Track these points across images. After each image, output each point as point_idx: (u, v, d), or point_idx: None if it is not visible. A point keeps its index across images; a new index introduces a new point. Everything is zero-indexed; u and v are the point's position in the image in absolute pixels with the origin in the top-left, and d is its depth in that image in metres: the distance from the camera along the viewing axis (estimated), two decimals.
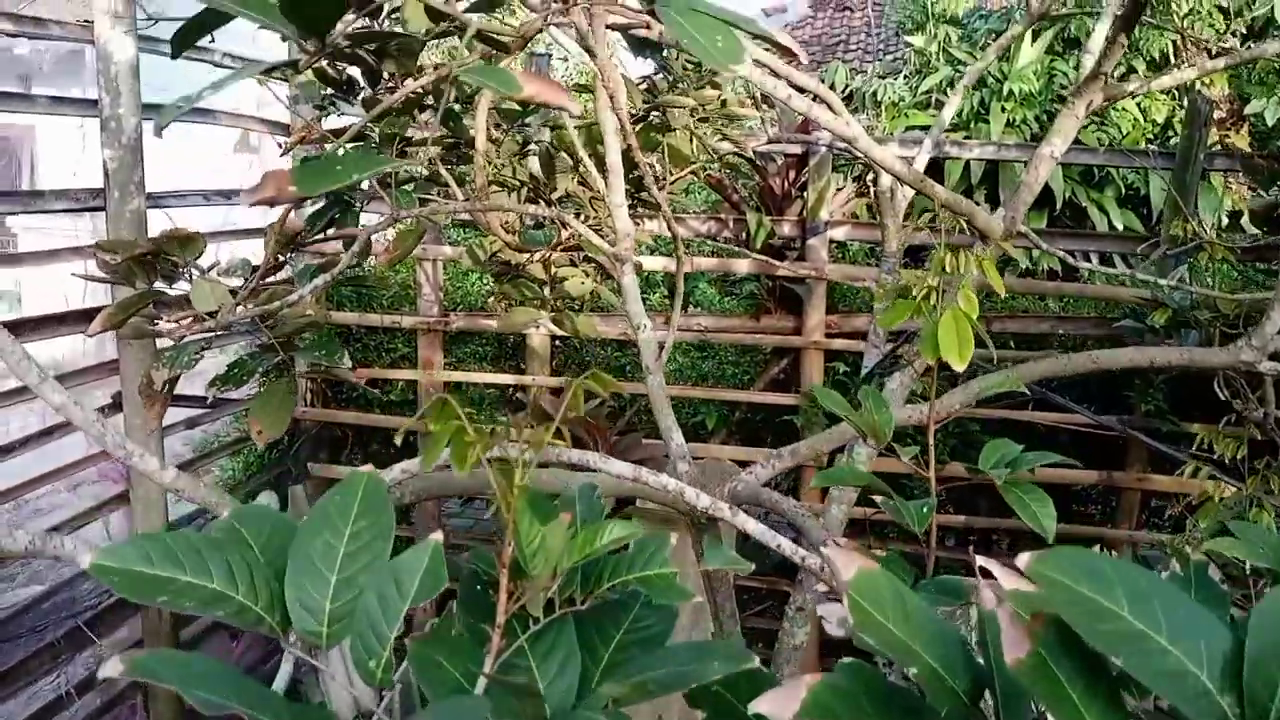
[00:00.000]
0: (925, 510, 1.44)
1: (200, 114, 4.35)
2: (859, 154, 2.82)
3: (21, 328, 3.35)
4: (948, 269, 1.62)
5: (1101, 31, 2.94)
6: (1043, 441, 4.69)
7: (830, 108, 2.74)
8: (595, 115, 2.75)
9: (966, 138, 7.28)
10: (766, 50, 2.08)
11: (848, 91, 8.77)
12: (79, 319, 3.50)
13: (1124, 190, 7.21)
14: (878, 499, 1.69)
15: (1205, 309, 3.03)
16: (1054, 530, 1.58)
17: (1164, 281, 2.78)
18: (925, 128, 7.88)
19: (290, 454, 4.92)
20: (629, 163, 2.82)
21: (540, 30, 1.64)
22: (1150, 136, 7.22)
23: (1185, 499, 2.89)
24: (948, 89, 8.02)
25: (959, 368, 1.52)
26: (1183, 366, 2.47)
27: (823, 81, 9.33)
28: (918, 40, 8.39)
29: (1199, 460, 3.04)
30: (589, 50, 2.26)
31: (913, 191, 3.26)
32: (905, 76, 8.50)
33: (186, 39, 1.09)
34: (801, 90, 2.80)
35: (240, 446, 4.89)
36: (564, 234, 3.35)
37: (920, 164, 3.31)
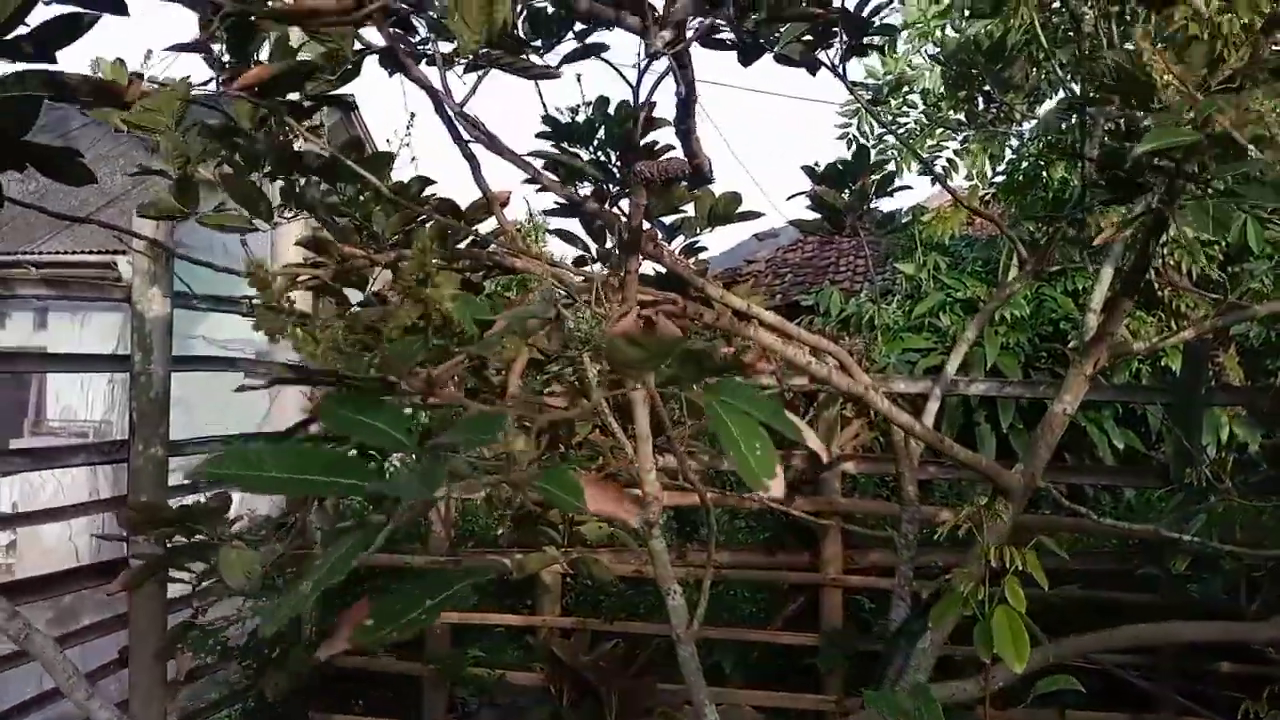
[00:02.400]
0: None
1: (221, 362, 4.45)
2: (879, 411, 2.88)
3: (28, 587, 3.28)
4: (992, 561, 1.63)
5: (1102, 288, 3.06)
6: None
7: (847, 371, 2.82)
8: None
9: (964, 362, 7.46)
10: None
11: (843, 315, 9.03)
12: (89, 575, 3.45)
13: (1121, 410, 7.35)
14: None
15: (1229, 556, 3.02)
16: None
17: (1188, 536, 2.79)
18: (921, 350, 8.10)
19: (291, 699, 4.73)
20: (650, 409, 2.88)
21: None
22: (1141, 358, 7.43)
23: None
24: (940, 313, 8.28)
25: (1017, 669, 1.50)
26: (1226, 642, 2.45)
27: (816, 305, 9.63)
28: (908, 267, 8.73)
29: None
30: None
31: None
32: (898, 300, 8.78)
33: None
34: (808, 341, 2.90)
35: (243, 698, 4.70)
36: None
37: (930, 413, 3.38)
